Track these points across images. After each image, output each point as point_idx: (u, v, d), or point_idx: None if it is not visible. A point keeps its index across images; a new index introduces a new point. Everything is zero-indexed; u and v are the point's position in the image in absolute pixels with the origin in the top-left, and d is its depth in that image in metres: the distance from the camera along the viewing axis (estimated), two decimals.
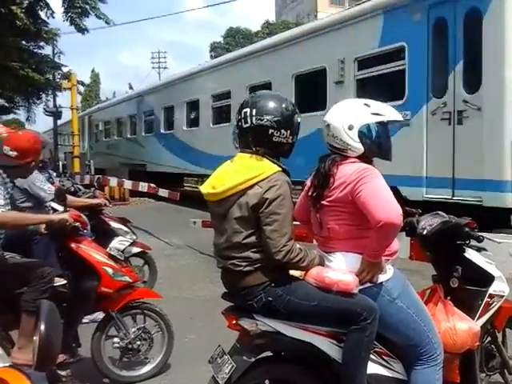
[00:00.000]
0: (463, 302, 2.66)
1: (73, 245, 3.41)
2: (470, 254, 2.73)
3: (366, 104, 2.46)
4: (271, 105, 2.33)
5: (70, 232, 3.38)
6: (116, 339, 3.52)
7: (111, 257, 3.62)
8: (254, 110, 2.32)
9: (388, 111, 2.49)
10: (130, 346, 3.53)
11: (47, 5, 16.11)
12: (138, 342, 3.57)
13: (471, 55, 6.74)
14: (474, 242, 2.72)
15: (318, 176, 2.44)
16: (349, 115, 2.43)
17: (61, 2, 15.58)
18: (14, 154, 3.27)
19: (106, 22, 16.24)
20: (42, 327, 1.56)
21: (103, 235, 5.07)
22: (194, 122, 14.87)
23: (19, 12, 14.22)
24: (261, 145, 2.34)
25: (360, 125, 2.41)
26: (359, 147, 2.41)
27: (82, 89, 29.35)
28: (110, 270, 3.45)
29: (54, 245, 3.91)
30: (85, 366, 3.50)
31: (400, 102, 7.35)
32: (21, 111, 23.98)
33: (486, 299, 2.69)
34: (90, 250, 3.47)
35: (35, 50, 18.97)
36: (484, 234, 2.73)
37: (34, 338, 1.60)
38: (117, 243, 5.11)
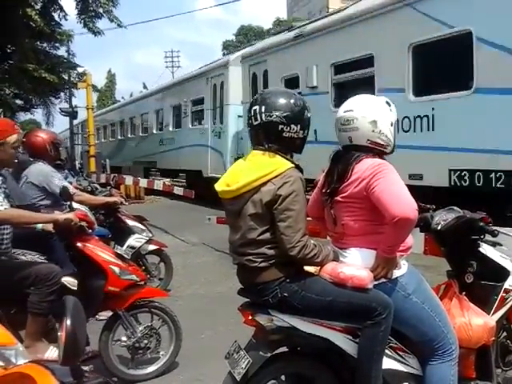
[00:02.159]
0: (478, 297, 2.65)
1: (79, 244, 3.42)
2: (485, 249, 2.72)
3: (387, 102, 2.52)
4: (280, 101, 2.35)
5: (76, 231, 3.38)
6: (123, 338, 3.52)
7: (118, 256, 3.62)
8: (263, 107, 2.34)
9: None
10: (137, 345, 3.53)
11: (61, 7, 16.31)
12: (146, 341, 3.56)
13: None
14: (488, 237, 2.71)
15: (335, 171, 2.45)
16: (388, 112, 2.48)
17: (74, 4, 15.79)
18: None
19: (118, 25, 16.39)
20: (68, 322, 1.59)
21: (120, 233, 5.15)
22: None
23: (33, 14, 14.41)
24: (272, 141, 2.35)
25: (395, 122, 2.49)
26: (393, 143, 2.49)
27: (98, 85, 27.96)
28: (116, 269, 3.44)
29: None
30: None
31: None
32: (38, 111, 24.30)
33: (501, 294, 2.69)
34: (96, 249, 3.47)
35: (51, 51, 19.22)
36: (499, 229, 2.72)
37: (59, 333, 1.64)
38: (133, 241, 5.17)
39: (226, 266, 5.92)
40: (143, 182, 12.84)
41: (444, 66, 7.31)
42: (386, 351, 2.38)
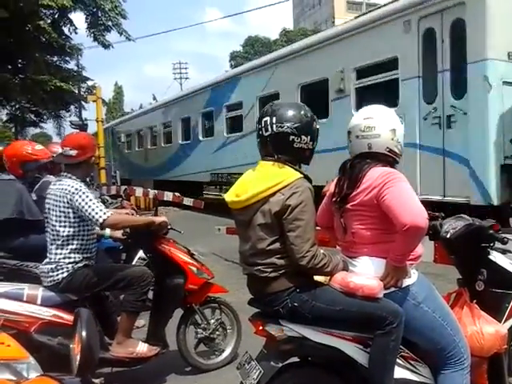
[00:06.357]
0: (489, 305, 2.64)
1: (162, 246, 3.70)
2: (495, 257, 2.71)
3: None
4: (290, 112, 2.38)
5: (162, 234, 3.71)
6: (199, 330, 3.82)
7: (191, 256, 3.86)
8: (274, 118, 2.37)
9: None
10: (211, 336, 3.84)
11: (71, 21, 16.59)
12: (217, 333, 3.88)
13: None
14: (498, 245, 2.70)
15: (346, 179, 2.46)
16: (401, 123, 2.52)
17: (84, 18, 16.07)
18: (74, 152, 3.43)
19: (127, 38, 16.63)
20: (84, 334, 1.61)
21: (131, 245, 5.15)
22: None
23: (47, 26, 14.65)
24: (282, 152, 2.38)
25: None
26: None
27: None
28: (194, 269, 3.74)
29: None
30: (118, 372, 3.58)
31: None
32: (47, 125, 24.68)
33: None
34: (176, 251, 3.74)
35: (61, 65, 19.50)
36: (509, 236, 2.71)
37: (71, 345, 1.65)
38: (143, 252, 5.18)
39: (236, 277, 5.91)
40: (152, 194, 12.87)
41: None
42: (398, 360, 2.37)
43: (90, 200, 3.26)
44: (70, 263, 3.31)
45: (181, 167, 17.11)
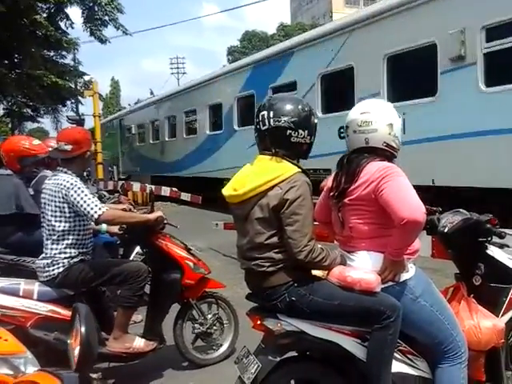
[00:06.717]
0: (487, 299, 2.65)
1: (159, 241, 3.70)
2: (493, 251, 2.71)
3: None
4: (288, 106, 2.38)
5: (159, 229, 3.72)
6: (196, 325, 3.84)
7: (188, 251, 3.87)
8: (272, 112, 2.37)
9: None
10: (208, 331, 3.86)
11: (67, 16, 16.52)
12: (215, 327, 3.90)
13: None
14: (496, 239, 2.70)
15: (343, 174, 2.46)
16: (398, 117, 2.52)
17: (80, 13, 16.01)
18: (69, 147, 3.42)
19: (124, 33, 16.56)
20: (83, 329, 1.60)
21: (128, 240, 5.14)
22: None
23: (43, 20, 14.59)
24: (280, 146, 2.38)
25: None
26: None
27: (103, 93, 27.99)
28: (191, 264, 3.75)
29: None
30: (117, 368, 3.59)
31: None
32: (44, 120, 24.59)
33: (509, 296, 2.68)
34: (173, 247, 3.75)
35: (58, 60, 19.43)
36: (506, 230, 2.71)
37: (69, 341, 1.65)
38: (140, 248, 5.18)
39: (233, 271, 5.92)
40: (149, 189, 12.87)
41: None
42: (396, 355, 2.38)
43: (86, 195, 3.25)
44: (65, 258, 3.30)
45: (209, 161, 14.48)
